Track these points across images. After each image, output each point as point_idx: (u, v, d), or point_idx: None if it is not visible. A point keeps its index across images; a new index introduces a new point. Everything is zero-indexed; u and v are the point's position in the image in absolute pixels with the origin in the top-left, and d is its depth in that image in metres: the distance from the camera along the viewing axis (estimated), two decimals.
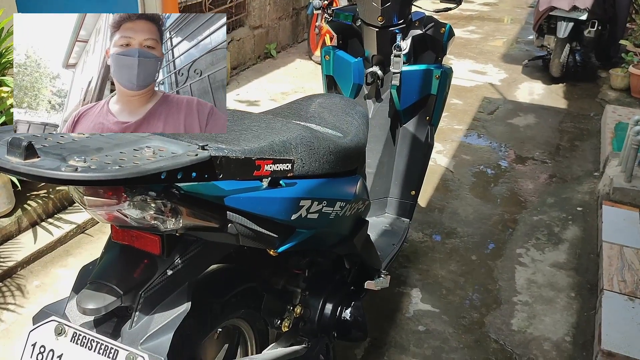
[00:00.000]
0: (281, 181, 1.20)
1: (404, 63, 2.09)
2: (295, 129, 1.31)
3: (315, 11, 2.25)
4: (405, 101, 2.17)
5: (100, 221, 1.14)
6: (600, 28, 4.78)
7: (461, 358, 2.08)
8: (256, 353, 1.54)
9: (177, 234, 1.09)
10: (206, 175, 0.94)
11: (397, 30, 2.07)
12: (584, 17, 4.60)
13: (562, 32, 4.70)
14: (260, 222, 1.15)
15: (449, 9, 2.25)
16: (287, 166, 1.14)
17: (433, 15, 2.20)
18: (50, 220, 2.71)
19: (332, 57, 2.26)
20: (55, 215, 2.75)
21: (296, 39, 6.02)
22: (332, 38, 4.98)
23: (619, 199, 2.97)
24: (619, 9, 5.02)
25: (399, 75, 2.07)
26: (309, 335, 1.66)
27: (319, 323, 1.66)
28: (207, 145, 0.95)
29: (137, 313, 1.07)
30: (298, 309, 1.60)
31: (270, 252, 1.29)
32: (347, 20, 2.19)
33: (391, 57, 2.06)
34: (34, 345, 1.09)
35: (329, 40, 5.16)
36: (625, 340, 2.01)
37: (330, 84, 2.33)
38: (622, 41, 4.87)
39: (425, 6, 2.26)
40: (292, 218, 1.22)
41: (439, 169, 3.47)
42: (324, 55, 2.29)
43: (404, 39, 2.09)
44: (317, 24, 5.25)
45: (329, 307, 1.67)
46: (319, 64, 4.96)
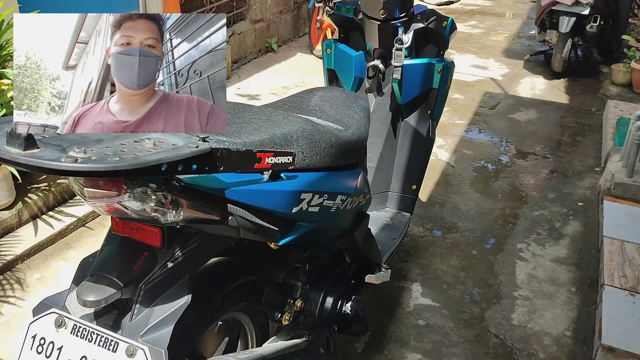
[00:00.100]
0: (282, 174, 1.20)
1: (406, 57, 2.08)
2: (296, 122, 1.30)
3: (316, 4, 2.24)
4: (407, 95, 2.16)
5: (100, 213, 1.14)
6: (602, 23, 4.77)
7: (461, 352, 2.08)
8: (256, 346, 1.54)
9: (178, 227, 1.08)
10: (207, 167, 0.93)
11: (399, 24, 2.06)
12: (587, 12, 4.59)
13: (564, 27, 4.69)
14: (261, 215, 1.15)
15: (451, 2, 2.24)
16: (288, 159, 1.13)
17: (435, 9, 2.18)
18: (50, 213, 2.71)
19: (334, 51, 2.25)
20: (56, 208, 2.75)
21: (297, 32, 6.00)
22: (334, 32, 4.98)
23: (620, 194, 2.96)
24: (621, 4, 5.00)
25: (401, 68, 2.06)
26: (309, 329, 1.66)
27: (320, 317, 1.66)
28: (208, 137, 0.95)
29: (138, 305, 1.07)
30: (298, 303, 1.60)
31: (271, 245, 1.29)
32: (349, 13, 2.17)
33: (393, 51, 2.05)
34: (34, 337, 1.09)
35: (330, 34, 5.14)
36: (626, 335, 2.01)
37: (332, 77, 2.32)
38: (625, 36, 4.86)
39: None
40: (293, 211, 1.22)
41: (440, 164, 3.47)
42: (325, 48, 2.28)
43: (405, 33, 2.08)
44: (319, 17, 5.23)
45: (330, 301, 1.67)
46: (320, 57, 4.95)
